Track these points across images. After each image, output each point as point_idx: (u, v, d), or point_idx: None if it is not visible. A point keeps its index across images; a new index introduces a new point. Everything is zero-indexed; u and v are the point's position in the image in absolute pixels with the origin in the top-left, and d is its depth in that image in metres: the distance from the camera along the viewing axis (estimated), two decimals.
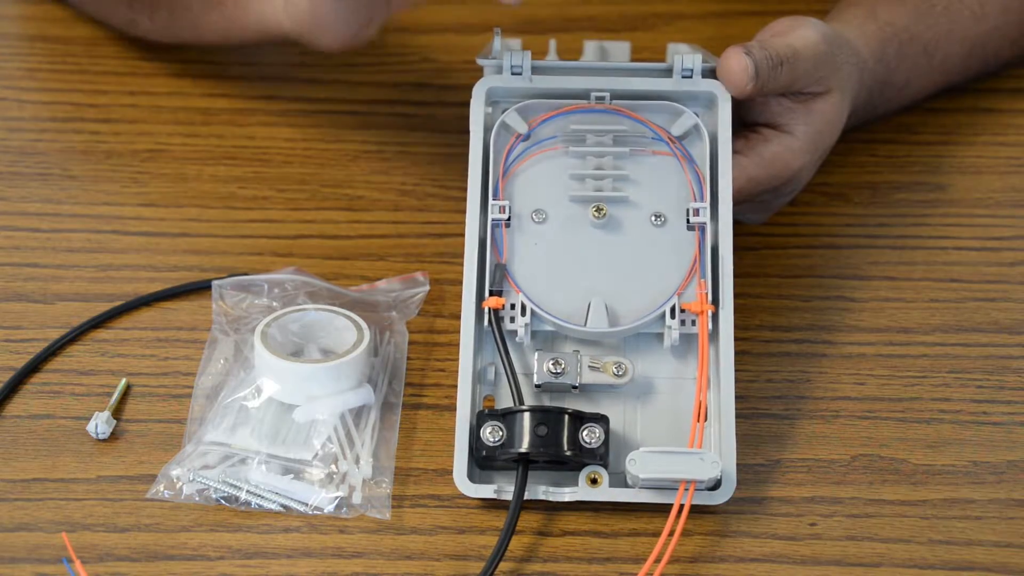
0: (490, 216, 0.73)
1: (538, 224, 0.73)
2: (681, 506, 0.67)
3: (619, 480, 0.70)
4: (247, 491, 0.70)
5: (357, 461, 0.72)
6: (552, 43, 0.92)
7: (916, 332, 0.79)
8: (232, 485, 0.70)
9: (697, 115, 0.74)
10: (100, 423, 0.73)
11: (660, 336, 0.72)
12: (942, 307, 0.81)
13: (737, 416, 0.70)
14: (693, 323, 0.72)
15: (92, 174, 0.88)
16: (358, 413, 0.74)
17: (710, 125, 0.74)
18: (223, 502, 0.70)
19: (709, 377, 0.71)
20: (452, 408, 0.71)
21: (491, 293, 0.72)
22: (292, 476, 0.71)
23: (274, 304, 0.78)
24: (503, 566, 0.68)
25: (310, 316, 0.76)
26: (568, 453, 0.69)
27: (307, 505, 0.70)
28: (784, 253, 0.84)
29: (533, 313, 0.72)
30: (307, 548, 0.69)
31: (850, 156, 0.88)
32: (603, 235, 0.73)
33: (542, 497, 0.70)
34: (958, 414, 0.75)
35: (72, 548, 0.68)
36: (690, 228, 0.73)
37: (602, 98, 0.74)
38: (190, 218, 0.85)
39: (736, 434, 0.70)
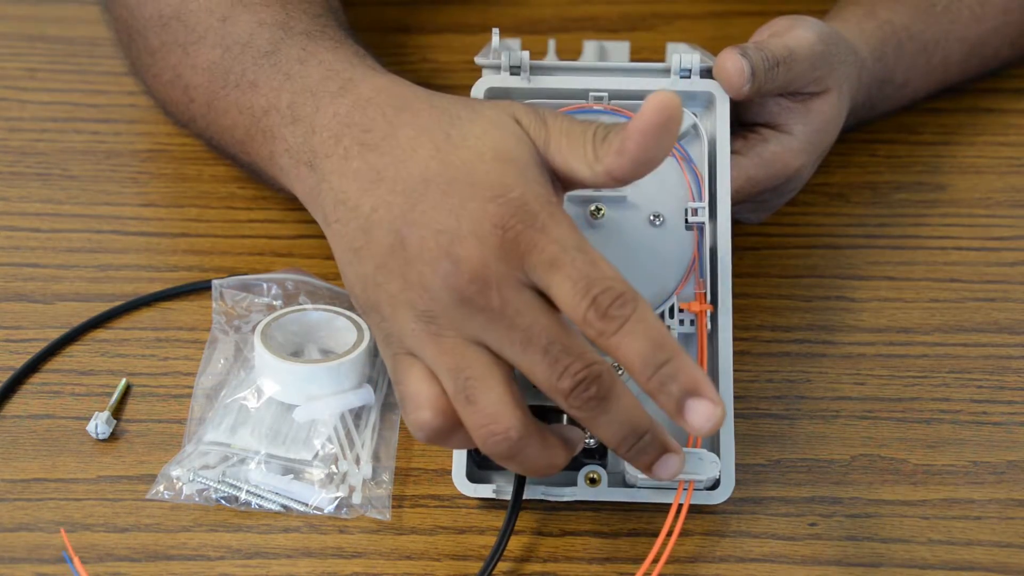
0: None
1: None
2: (680, 506, 0.67)
3: (618, 480, 0.70)
4: (247, 491, 0.70)
5: (357, 461, 0.72)
6: (551, 43, 0.92)
7: (916, 332, 0.79)
8: (232, 485, 0.70)
9: (695, 115, 0.74)
10: (100, 423, 0.73)
11: None
12: (942, 307, 0.81)
13: (737, 416, 0.70)
14: (692, 323, 0.72)
15: (92, 174, 0.88)
16: (358, 413, 0.74)
17: (708, 125, 0.74)
18: (223, 502, 0.70)
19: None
20: None
21: None
22: (292, 476, 0.71)
23: (274, 304, 0.78)
24: (502, 566, 0.68)
25: (310, 316, 0.76)
26: None
27: (307, 505, 0.70)
28: (784, 253, 0.84)
29: None
30: (307, 548, 0.69)
31: (850, 156, 0.88)
32: (601, 235, 0.72)
33: (541, 497, 0.70)
34: (958, 414, 0.75)
35: (71, 546, 0.68)
36: (688, 228, 0.73)
37: (600, 98, 0.74)
38: (190, 218, 0.85)
39: (736, 434, 0.70)
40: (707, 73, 0.74)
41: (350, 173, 0.64)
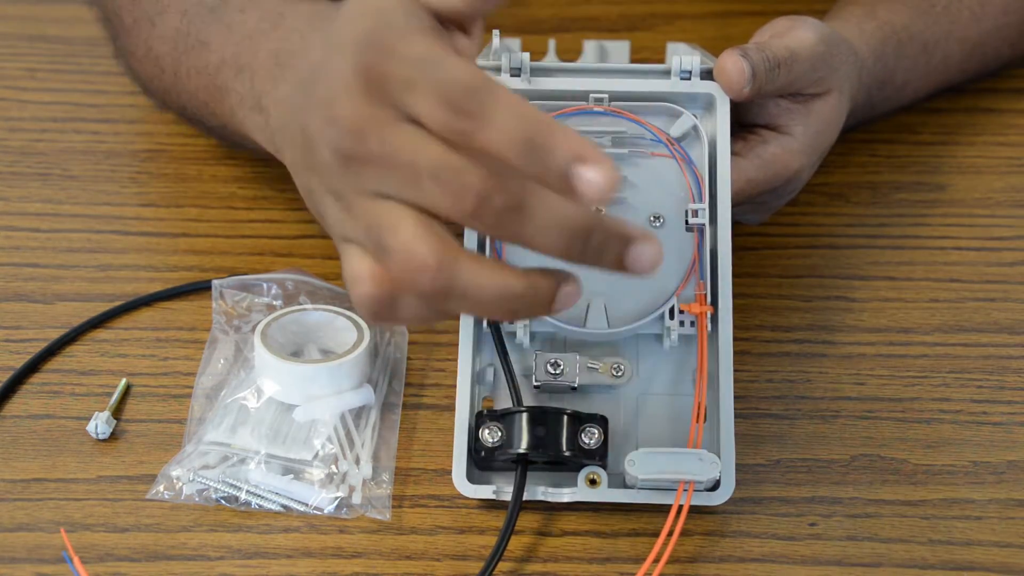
0: None
1: None
2: (680, 506, 0.67)
3: (618, 480, 0.70)
4: (247, 491, 0.70)
5: (357, 461, 0.72)
6: (551, 43, 0.92)
7: (916, 332, 0.79)
8: (232, 485, 0.70)
9: (696, 116, 0.74)
10: (100, 423, 0.73)
11: (659, 337, 0.72)
12: (942, 307, 0.81)
13: (737, 416, 0.70)
14: (692, 324, 0.72)
15: (92, 174, 0.88)
16: (358, 413, 0.74)
17: (709, 127, 0.74)
18: (223, 502, 0.70)
19: (708, 378, 0.71)
20: (452, 408, 0.71)
21: None
22: (292, 476, 0.71)
23: (274, 304, 0.78)
24: (502, 566, 0.68)
25: (310, 316, 0.76)
26: (567, 454, 0.69)
27: (307, 505, 0.70)
28: (784, 253, 0.84)
29: None
30: (307, 548, 0.69)
31: (850, 156, 0.88)
32: None
33: (541, 498, 0.70)
34: (958, 414, 0.75)
35: (71, 546, 0.68)
36: (689, 229, 0.73)
37: (601, 100, 0.74)
38: (190, 218, 0.85)
39: (736, 434, 0.70)
40: (707, 75, 0.74)
41: (285, 101, 0.64)
